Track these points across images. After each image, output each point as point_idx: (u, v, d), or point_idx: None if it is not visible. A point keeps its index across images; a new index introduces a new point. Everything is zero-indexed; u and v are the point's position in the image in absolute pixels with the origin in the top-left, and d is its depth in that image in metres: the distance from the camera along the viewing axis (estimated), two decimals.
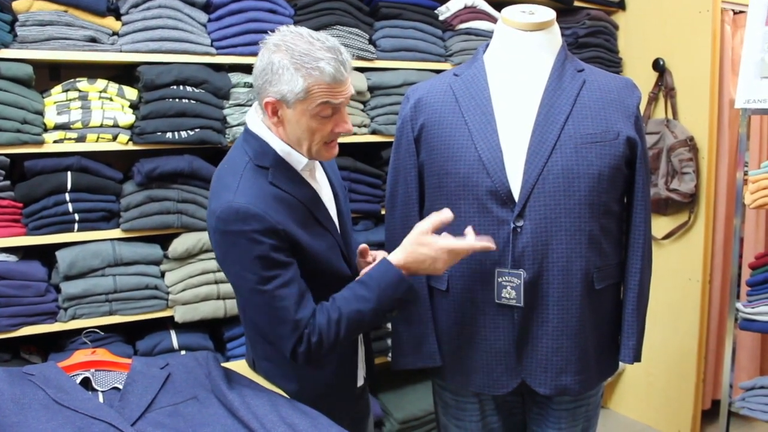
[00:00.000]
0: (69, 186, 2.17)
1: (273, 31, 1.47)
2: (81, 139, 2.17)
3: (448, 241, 1.49)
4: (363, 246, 1.71)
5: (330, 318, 1.44)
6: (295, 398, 1.46)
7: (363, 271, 1.55)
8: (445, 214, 1.50)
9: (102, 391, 1.40)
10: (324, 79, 1.40)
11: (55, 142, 2.14)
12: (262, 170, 1.47)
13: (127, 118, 2.24)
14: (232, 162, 1.52)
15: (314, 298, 1.47)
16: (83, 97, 2.19)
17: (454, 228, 1.65)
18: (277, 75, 1.40)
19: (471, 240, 1.50)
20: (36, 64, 2.13)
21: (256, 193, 1.42)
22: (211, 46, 2.37)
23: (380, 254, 1.64)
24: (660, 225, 3.14)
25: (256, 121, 1.52)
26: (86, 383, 1.40)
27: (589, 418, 1.80)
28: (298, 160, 1.50)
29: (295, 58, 1.39)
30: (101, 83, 2.22)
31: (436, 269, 1.50)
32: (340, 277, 1.55)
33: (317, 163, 1.61)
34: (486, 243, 1.51)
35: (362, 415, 1.76)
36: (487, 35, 2.82)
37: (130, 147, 2.26)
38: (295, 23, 2.49)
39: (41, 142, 2.11)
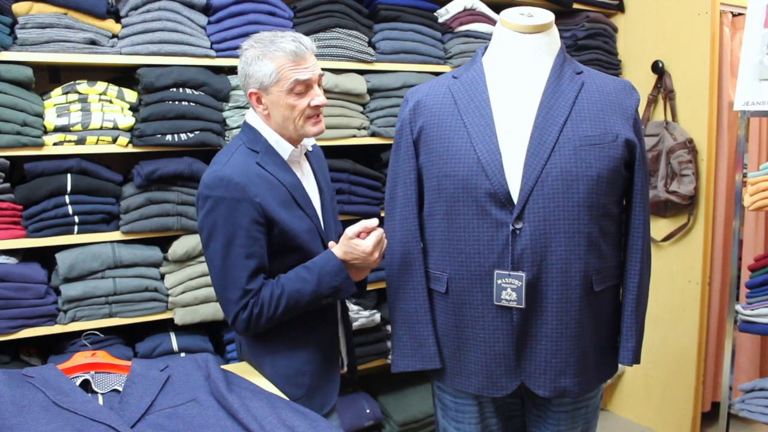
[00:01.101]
0: (69, 188, 2.17)
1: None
2: (81, 141, 2.17)
3: (362, 241, 1.67)
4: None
5: (273, 293, 1.61)
6: (276, 373, 1.69)
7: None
8: (371, 223, 1.68)
9: (102, 393, 1.40)
10: (287, 57, 1.62)
11: (54, 144, 2.15)
12: (253, 153, 1.67)
13: (127, 120, 2.24)
14: (227, 146, 1.75)
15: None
16: (83, 100, 2.19)
17: (453, 230, 1.66)
18: (252, 67, 1.65)
19: (363, 222, 1.68)
20: (36, 66, 2.13)
21: (242, 168, 1.62)
22: (211, 48, 2.37)
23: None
24: (659, 227, 3.14)
25: (252, 114, 1.74)
26: (86, 385, 1.40)
27: (588, 420, 1.80)
28: (284, 148, 1.71)
29: (261, 49, 1.64)
30: (101, 86, 2.22)
31: (370, 263, 1.68)
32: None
33: (305, 162, 1.82)
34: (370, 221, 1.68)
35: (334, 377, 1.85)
36: (486, 37, 2.83)
37: (130, 149, 2.26)
38: (295, 26, 2.49)
39: (41, 145, 2.11)
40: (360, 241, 1.66)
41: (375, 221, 1.68)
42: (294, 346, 1.73)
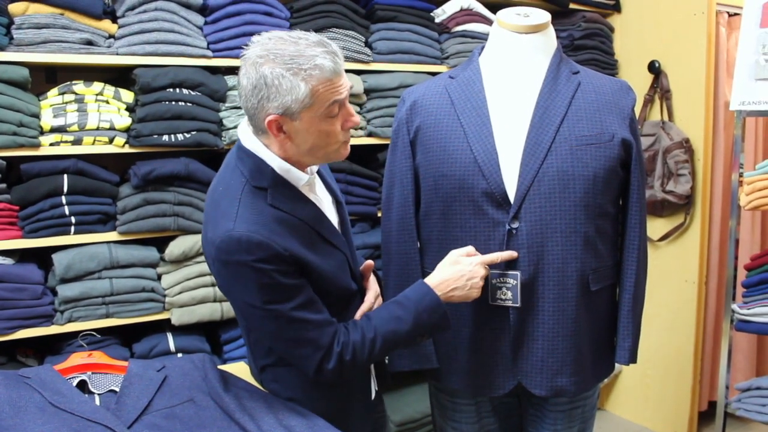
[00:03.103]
0: (65, 189, 2.17)
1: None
2: (77, 141, 2.17)
3: (480, 256, 1.53)
4: (368, 263, 1.65)
5: (365, 337, 1.40)
6: None
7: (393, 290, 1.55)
8: (500, 254, 1.57)
9: (98, 394, 1.40)
10: (326, 76, 1.31)
11: (51, 144, 2.14)
12: (260, 191, 1.37)
13: (124, 120, 2.24)
14: (226, 184, 1.41)
15: None
16: (79, 100, 2.19)
17: (450, 230, 1.66)
18: (275, 87, 1.30)
19: (495, 254, 1.56)
20: (32, 66, 2.13)
21: (256, 219, 1.33)
22: (208, 48, 2.37)
23: (373, 281, 1.63)
24: (656, 227, 3.15)
25: (250, 136, 1.42)
26: (83, 386, 1.40)
27: (585, 419, 1.80)
28: (298, 177, 1.41)
29: (288, 64, 1.29)
30: (97, 86, 2.22)
31: (473, 287, 1.51)
32: (347, 295, 1.51)
33: (316, 177, 1.53)
34: (510, 252, 1.58)
35: (379, 425, 1.74)
36: (483, 38, 2.83)
37: (127, 150, 2.26)
38: (291, 26, 2.49)
39: (37, 145, 2.11)
40: (467, 259, 1.51)
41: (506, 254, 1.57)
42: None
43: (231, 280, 1.35)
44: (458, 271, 1.50)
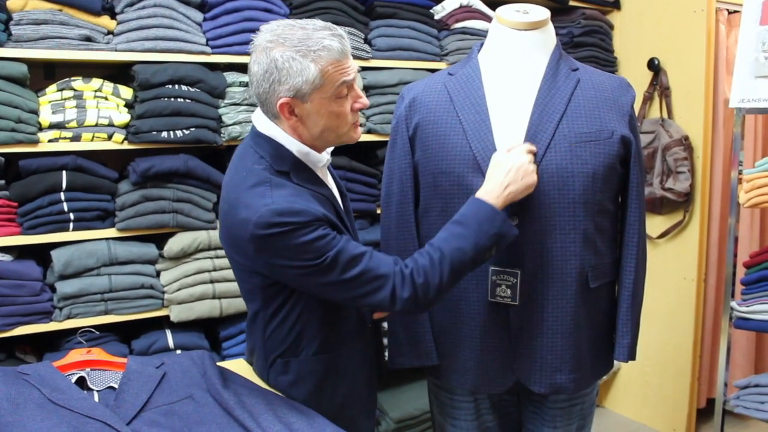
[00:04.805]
0: (64, 185, 2.16)
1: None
2: (76, 138, 2.17)
3: (520, 145, 1.52)
4: None
5: (432, 258, 1.40)
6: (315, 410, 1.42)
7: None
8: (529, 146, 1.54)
9: (97, 391, 1.40)
10: (334, 56, 1.35)
11: (50, 141, 2.14)
12: (283, 176, 1.41)
13: (123, 117, 2.24)
14: (249, 169, 1.42)
15: (324, 303, 1.46)
16: (78, 96, 2.19)
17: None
18: (285, 70, 1.34)
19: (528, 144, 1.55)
20: (31, 63, 2.12)
21: (291, 192, 1.36)
22: (207, 45, 2.36)
23: None
24: (655, 224, 3.15)
25: (265, 122, 1.44)
26: (81, 383, 1.40)
27: (584, 416, 1.81)
28: (317, 159, 1.46)
29: (297, 47, 1.34)
30: (96, 82, 2.22)
31: (526, 174, 1.49)
32: None
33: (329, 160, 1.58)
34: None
35: (373, 408, 1.74)
36: (482, 34, 2.82)
37: (126, 146, 2.26)
38: None
39: (36, 142, 2.11)
40: (509, 154, 1.49)
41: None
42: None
43: (276, 251, 1.34)
44: (505, 169, 1.48)
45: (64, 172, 2.17)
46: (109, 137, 2.22)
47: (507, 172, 1.49)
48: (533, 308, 1.62)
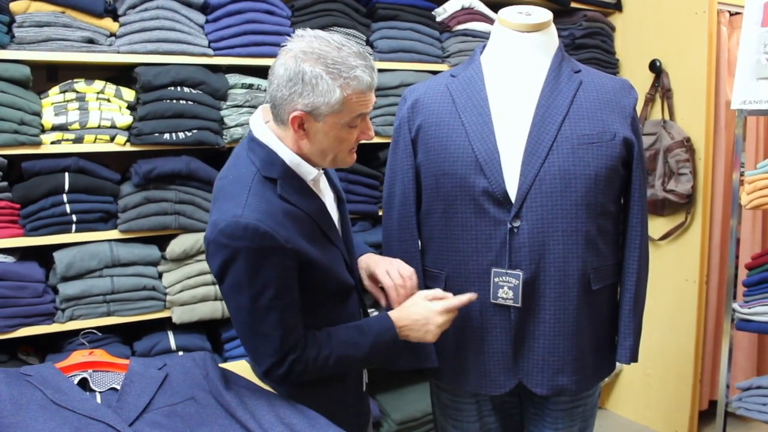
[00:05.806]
0: (67, 187, 2.17)
1: (271, 32, 1.42)
2: (78, 140, 2.17)
3: (439, 302, 1.53)
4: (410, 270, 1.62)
5: (320, 354, 1.42)
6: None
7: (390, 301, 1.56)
8: (461, 299, 1.56)
9: (100, 392, 1.40)
10: (361, 89, 1.35)
11: (52, 143, 2.14)
12: (270, 182, 1.40)
13: (125, 119, 2.24)
14: (237, 172, 1.43)
15: (317, 308, 1.46)
16: (81, 98, 2.19)
17: (451, 228, 1.66)
18: (310, 86, 1.32)
19: (458, 297, 1.56)
20: (33, 65, 2.13)
21: (265, 208, 1.34)
22: (209, 47, 2.37)
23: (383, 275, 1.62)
24: (657, 226, 3.15)
25: (262, 127, 1.44)
26: (84, 384, 1.40)
27: (586, 418, 1.81)
28: (307, 171, 1.44)
29: (329, 67, 1.32)
30: (99, 84, 2.22)
31: (428, 332, 1.52)
32: (344, 288, 1.54)
33: (321, 172, 1.55)
34: (470, 295, 1.57)
35: (365, 420, 1.75)
36: (485, 36, 2.83)
37: (128, 148, 2.26)
38: (292, 25, 2.49)
39: (39, 143, 2.11)
40: (430, 304, 1.52)
41: (472, 296, 1.57)
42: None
43: (226, 264, 1.35)
44: (418, 314, 1.52)
45: (66, 174, 2.17)
46: (112, 139, 2.22)
47: (415, 321, 1.51)
48: (535, 310, 1.62)
